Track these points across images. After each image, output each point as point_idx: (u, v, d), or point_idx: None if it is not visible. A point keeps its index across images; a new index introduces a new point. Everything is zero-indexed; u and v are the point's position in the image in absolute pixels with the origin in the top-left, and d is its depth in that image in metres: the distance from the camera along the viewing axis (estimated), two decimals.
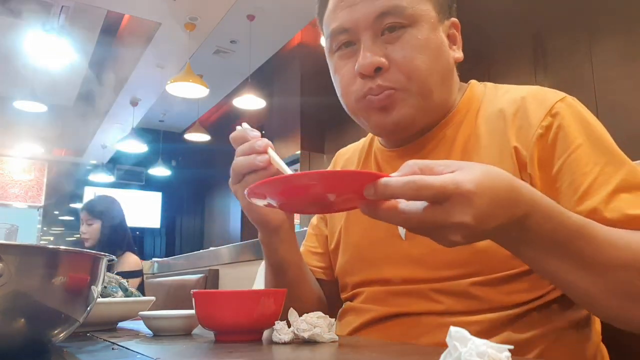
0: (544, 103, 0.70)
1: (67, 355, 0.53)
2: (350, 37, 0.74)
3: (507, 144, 0.70)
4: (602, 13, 3.26)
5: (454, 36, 0.79)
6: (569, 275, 0.55)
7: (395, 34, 0.71)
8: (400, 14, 0.71)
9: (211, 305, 0.60)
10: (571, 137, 0.67)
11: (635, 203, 0.61)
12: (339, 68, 0.77)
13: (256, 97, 5.26)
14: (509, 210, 0.49)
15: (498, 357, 0.31)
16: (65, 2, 5.30)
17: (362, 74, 0.72)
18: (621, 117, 3.08)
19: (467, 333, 0.32)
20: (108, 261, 0.58)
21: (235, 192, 0.72)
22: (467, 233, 0.48)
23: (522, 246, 0.54)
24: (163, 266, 4.47)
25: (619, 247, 0.55)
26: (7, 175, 8.93)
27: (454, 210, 0.47)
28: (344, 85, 0.76)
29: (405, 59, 0.71)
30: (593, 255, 0.54)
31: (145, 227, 9.84)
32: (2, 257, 0.43)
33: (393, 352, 0.52)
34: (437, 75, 0.73)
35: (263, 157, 0.68)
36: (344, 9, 0.73)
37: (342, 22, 0.73)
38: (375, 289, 0.77)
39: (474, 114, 0.76)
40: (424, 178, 0.47)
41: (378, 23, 0.71)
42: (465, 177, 0.47)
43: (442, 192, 0.46)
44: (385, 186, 0.47)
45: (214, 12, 4.86)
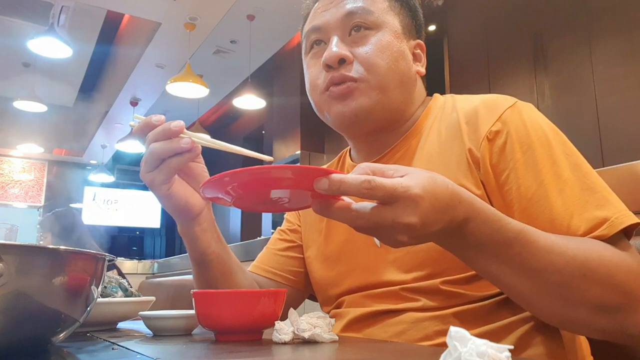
0: (495, 109, 0.73)
1: (67, 355, 0.53)
2: (321, 35, 0.81)
3: (462, 147, 0.74)
4: (602, 13, 3.26)
5: (419, 56, 0.85)
6: (507, 278, 0.59)
7: (361, 34, 0.78)
8: (367, 15, 0.78)
9: (211, 305, 0.60)
10: (518, 145, 0.69)
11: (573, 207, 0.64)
12: (310, 66, 0.83)
13: (256, 97, 5.26)
14: (450, 214, 0.53)
15: (498, 357, 0.31)
16: (65, 2, 5.30)
17: (327, 65, 0.77)
18: (621, 117, 3.08)
19: (467, 333, 0.32)
20: (108, 261, 0.58)
21: (152, 180, 0.69)
22: (413, 234, 0.51)
23: (462, 249, 0.58)
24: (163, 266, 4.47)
25: (555, 253, 0.58)
26: (7, 175, 8.93)
27: (402, 211, 0.50)
28: (312, 80, 0.82)
29: (367, 54, 0.77)
30: (529, 260, 0.57)
31: (145, 227, 9.84)
32: (2, 257, 0.43)
33: (393, 352, 0.52)
34: (395, 74, 0.78)
35: (186, 141, 0.67)
36: (319, 14, 0.82)
37: (314, 23, 0.82)
38: (356, 295, 0.80)
39: (436, 124, 0.80)
40: (377, 178, 0.50)
41: (346, 22, 0.79)
42: (413, 182, 0.51)
43: (392, 193, 0.50)
44: (341, 182, 0.49)
45: (214, 12, 4.86)
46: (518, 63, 3.74)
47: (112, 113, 7.45)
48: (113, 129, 7.85)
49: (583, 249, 0.59)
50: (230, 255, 0.86)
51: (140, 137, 0.70)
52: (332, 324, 0.59)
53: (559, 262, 0.58)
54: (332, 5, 0.81)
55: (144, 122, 0.70)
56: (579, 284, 0.58)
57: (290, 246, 0.97)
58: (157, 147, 0.67)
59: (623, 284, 0.59)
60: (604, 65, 3.21)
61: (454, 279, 0.70)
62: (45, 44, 4.38)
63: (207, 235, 0.79)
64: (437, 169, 0.73)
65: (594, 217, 0.63)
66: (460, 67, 4.21)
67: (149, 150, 0.68)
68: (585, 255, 0.59)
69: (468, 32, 4.18)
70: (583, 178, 0.66)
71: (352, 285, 0.81)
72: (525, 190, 0.67)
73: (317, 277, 0.89)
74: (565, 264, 0.58)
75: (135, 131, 0.70)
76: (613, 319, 0.59)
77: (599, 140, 3.15)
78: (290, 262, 0.95)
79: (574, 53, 3.39)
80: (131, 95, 6.92)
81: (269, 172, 0.51)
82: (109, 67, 7.42)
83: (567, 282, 0.58)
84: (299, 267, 0.95)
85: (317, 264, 0.89)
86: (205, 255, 0.80)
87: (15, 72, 6.74)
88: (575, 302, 0.59)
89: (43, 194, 9.12)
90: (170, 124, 0.68)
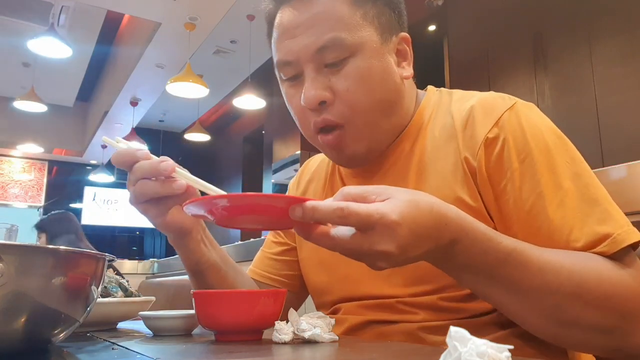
0: (492, 113, 0.69)
1: (67, 355, 0.53)
2: (295, 70, 0.73)
3: (458, 155, 0.70)
4: (602, 13, 3.26)
5: (404, 52, 0.77)
6: (500, 298, 0.58)
7: (338, 67, 0.70)
8: (340, 46, 0.69)
9: (211, 305, 0.60)
10: (516, 152, 0.66)
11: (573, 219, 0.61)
12: (290, 97, 0.76)
13: (256, 97, 5.26)
14: (433, 239, 0.52)
15: (498, 357, 0.31)
16: (65, 2, 5.30)
17: (307, 107, 0.72)
18: (621, 117, 3.08)
19: (467, 333, 0.32)
20: (108, 261, 0.58)
21: (145, 210, 0.70)
22: (391, 261, 0.51)
23: (452, 269, 0.57)
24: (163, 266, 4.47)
25: (549, 273, 0.56)
26: (7, 175, 8.93)
27: (378, 239, 0.49)
28: (298, 117, 0.76)
29: (348, 92, 0.70)
30: (521, 280, 0.56)
31: (145, 227, 9.83)
32: (2, 257, 0.43)
33: (393, 352, 0.52)
34: (382, 104, 0.72)
35: (180, 184, 0.65)
36: (286, 39, 0.72)
37: (284, 54, 0.73)
38: (352, 304, 0.78)
39: (430, 124, 0.76)
40: (351, 205, 0.49)
41: (318, 57, 0.70)
42: (390, 208, 0.49)
43: (367, 221, 0.48)
44: (314, 210, 0.49)
45: (214, 12, 4.86)
46: (518, 63, 3.74)
47: (112, 113, 7.45)
48: (113, 129, 7.85)
49: (580, 267, 0.57)
50: (227, 261, 0.85)
51: (120, 167, 0.67)
52: (332, 324, 0.59)
53: (553, 283, 0.56)
54: (300, 32, 0.71)
55: (124, 153, 0.67)
56: (574, 305, 0.56)
57: (285, 249, 0.94)
58: (148, 188, 0.66)
59: (621, 305, 0.57)
60: (604, 65, 3.21)
61: (452, 295, 0.68)
62: (45, 44, 4.38)
63: (199, 246, 0.79)
64: (431, 178, 0.71)
65: (594, 232, 0.60)
66: (460, 67, 4.21)
67: (138, 188, 0.66)
68: (582, 274, 0.57)
69: (468, 32, 4.18)
70: (584, 189, 0.62)
71: (346, 294, 0.79)
72: (523, 203, 0.64)
73: (310, 282, 0.87)
74: (559, 285, 0.56)
75: (115, 161, 0.67)
76: (610, 340, 0.58)
77: (599, 140, 3.15)
78: (285, 265, 0.93)
79: (574, 53, 3.39)
80: (131, 95, 6.92)
81: (245, 199, 0.54)
82: (109, 67, 7.42)
83: (561, 303, 0.56)
84: (295, 270, 0.92)
85: (310, 268, 0.87)
86: (200, 264, 0.80)
87: (15, 72, 6.74)
88: (569, 323, 0.57)
89: (43, 194, 9.12)
90: (159, 164, 0.65)
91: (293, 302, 0.94)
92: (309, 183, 0.93)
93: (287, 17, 0.72)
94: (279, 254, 0.94)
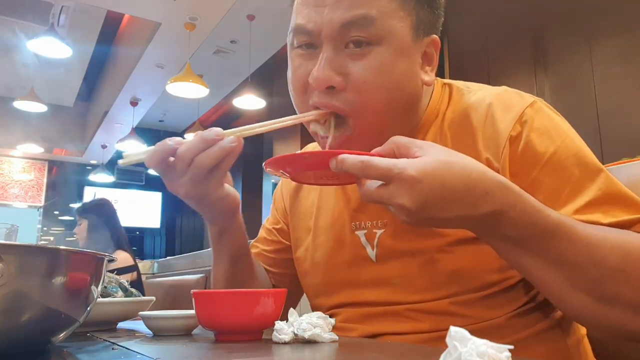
0: (512, 110, 0.67)
1: (67, 355, 0.53)
2: (312, 39, 0.67)
3: (477, 156, 0.66)
4: (602, 13, 3.26)
5: (431, 55, 0.71)
6: (540, 272, 0.56)
7: (360, 51, 0.64)
8: (368, 26, 0.63)
9: (211, 305, 0.60)
10: (542, 148, 0.64)
11: (611, 212, 0.60)
12: (295, 67, 0.70)
13: (256, 97, 5.26)
14: (466, 205, 0.51)
15: (498, 357, 0.31)
16: (65, 2, 5.30)
17: (313, 86, 0.66)
18: (621, 117, 3.08)
19: (467, 333, 0.32)
20: (108, 261, 0.58)
21: (204, 192, 0.65)
22: (411, 216, 0.52)
23: (493, 239, 0.56)
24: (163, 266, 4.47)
25: (593, 245, 0.54)
26: (7, 175, 8.93)
27: (395, 192, 0.51)
28: (298, 90, 0.70)
29: (365, 83, 0.64)
30: (566, 253, 0.54)
31: (145, 227, 9.84)
32: (2, 257, 0.43)
33: (393, 352, 0.52)
34: (397, 105, 0.67)
35: (230, 139, 0.62)
36: (313, 6, 0.66)
37: (305, 21, 0.66)
38: (354, 310, 0.75)
39: (440, 120, 0.73)
40: (373, 160, 0.52)
41: (342, 33, 0.64)
42: (412, 164, 0.51)
43: (386, 174, 0.51)
44: (342, 162, 0.54)
45: (214, 12, 4.86)
46: (518, 63, 3.74)
47: (112, 113, 7.45)
48: (113, 129, 7.84)
49: (623, 241, 0.55)
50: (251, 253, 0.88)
51: (156, 166, 0.63)
52: (332, 324, 0.59)
53: (597, 256, 0.54)
54: (329, 2, 0.64)
55: (158, 149, 0.63)
56: (616, 279, 0.54)
57: (279, 248, 0.92)
58: (205, 158, 0.62)
59: None
60: (604, 65, 3.21)
61: (462, 299, 0.67)
62: (45, 44, 4.38)
63: (243, 230, 0.80)
64: None
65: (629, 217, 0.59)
66: (460, 67, 4.21)
67: (196, 164, 0.62)
68: (625, 247, 0.55)
69: (468, 32, 4.18)
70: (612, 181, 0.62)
71: (345, 299, 0.76)
72: (556, 199, 0.62)
73: (306, 283, 0.85)
74: (602, 258, 0.54)
75: (153, 162, 0.63)
76: None
77: (599, 140, 3.15)
78: (282, 264, 0.92)
79: (574, 53, 3.39)
80: (131, 95, 6.92)
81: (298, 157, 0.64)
82: (109, 67, 7.41)
83: (604, 277, 0.54)
84: (287, 268, 0.90)
85: (305, 268, 0.84)
86: (244, 247, 0.82)
87: (15, 72, 6.74)
88: (610, 299, 0.54)
89: (43, 194, 9.12)
90: (204, 134, 0.62)
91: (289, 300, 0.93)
92: None
93: None
94: (273, 252, 0.93)
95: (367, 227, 0.75)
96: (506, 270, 0.66)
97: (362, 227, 0.75)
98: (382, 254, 0.72)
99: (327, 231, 0.80)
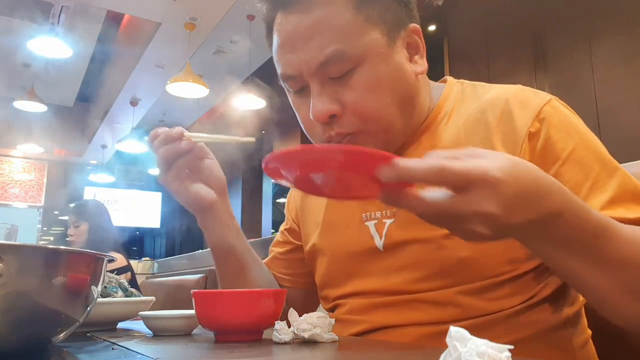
0: (530, 107, 0.68)
1: (67, 355, 0.53)
2: (300, 83, 0.70)
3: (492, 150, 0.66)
4: (602, 13, 3.26)
5: (415, 44, 0.72)
6: (585, 274, 0.53)
7: (344, 78, 0.66)
8: (343, 58, 0.65)
9: (211, 305, 0.60)
10: (562, 144, 0.65)
11: (633, 208, 0.60)
12: (298, 107, 0.74)
13: (256, 97, 5.26)
14: (538, 204, 0.47)
15: (498, 357, 0.31)
16: (65, 2, 5.30)
17: (317, 122, 0.69)
18: (621, 117, 3.08)
19: (467, 333, 0.32)
20: (108, 261, 0.58)
21: (165, 179, 0.77)
22: (494, 224, 0.45)
23: (546, 245, 0.51)
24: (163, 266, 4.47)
25: (632, 244, 0.53)
26: (7, 175, 8.93)
27: (479, 198, 0.43)
28: (306, 127, 0.74)
29: (356, 103, 0.66)
30: (611, 253, 0.52)
31: (145, 227, 9.84)
32: (2, 257, 0.43)
33: (393, 352, 0.52)
34: (395, 107, 0.68)
35: (186, 142, 0.74)
36: (287, 53, 0.68)
37: (286, 68, 0.69)
38: (358, 301, 0.75)
39: (451, 116, 0.74)
40: (449, 163, 0.44)
41: (322, 71, 0.66)
42: (492, 164, 0.44)
43: (467, 178, 0.43)
44: (407, 169, 0.44)
45: (214, 12, 4.86)
46: (518, 63, 3.74)
47: (112, 113, 7.45)
48: (113, 129, 7.85)
49: None
50: (251, 253, 0.88)
51: (150, 146, 0.77)
52: (332, 324, 0.59)
53: (638, 254, 0.53)
54: (299, 46, 0.66)
55: (152, 133, 0.77)
56: None
57: (289, 249, 0.94)
58: (162, 152, 0.75)
59: None
60: (604, 65, 3.21)
61: (468, 288, 0.66)
62: (45, 44, 4.38)
63: (224, 229, 0.83)
64: None
65: None
66: (460, 67, 4.21)
67: (157, 155, 0.76)
68: None
69: (468, 32, 4.18)
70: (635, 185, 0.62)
71: (350, 290, 0.77)
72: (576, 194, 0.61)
73: (315, 275, 0.86)
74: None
75: (148, 142, 0.77)
76: None
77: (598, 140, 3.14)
78: (292, 264, 0.93)
79: (574, 53, 3.39)
80: (131, 95, 6.92)
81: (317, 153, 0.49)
82: (109, 67, 7.41)
83: None
84: (303, 268, 0.91)
85: (313, 261, 0.85)
86: (222, 247, 0.84)
87: (15, 72, 6.73)
88: None
89: (43, 194, 9.12)
90: (171, 130, 0.75)
91: (306, 301, 0.92)
92: None
93: (285, 25, 0.68)
94: (285, 253, 0.94)
95: (377, 218, 0.75)
96: (514, 260, 0.66)
97: (373, 217, 0.76)
98: (390, 243, 0.73)
99: (336, 223, 0.81)
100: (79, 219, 2.89)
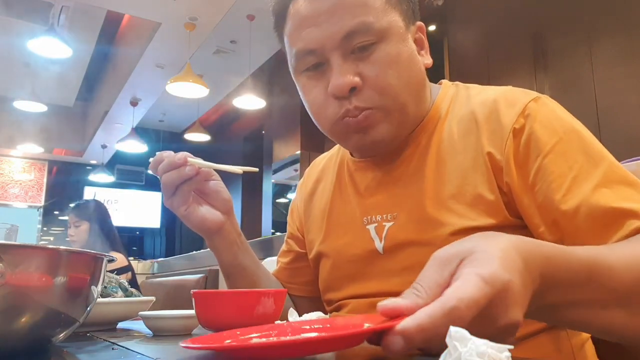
0: (516, 104, 0.68)
1: (67, 355, 0.53)
2: (318, 58, 0.70)
3: (480, 150, 0.68)
4: (602, 13, 3.26)
5: (421, 40, 0.77)
6: (597, 319, 0.50)
7: (366, 52, 0.69)
8: (368, 30, 0.68)
9: (211, 305, 0.60)
10: (546, 137, 0.65)
11: (618, 196, 0.59)
12: (308, 90, 0.74)
13: (256, 97, 5.26)
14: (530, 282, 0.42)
15: (498, 357, 0.31)
16: (65, 2, 5.30)
17: (336, 95, 0.69)
18: (621, 117, 3.08)
19: (467, 333, 0.32)
20: (108, 261, 0.58)
21: (171, 204, 0.77)
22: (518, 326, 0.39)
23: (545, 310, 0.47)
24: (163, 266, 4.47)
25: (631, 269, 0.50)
26: (7, 175, 8.93)
27: (501, 313, 0.38)
28: (317, 108, 0.73)
29: (378, 77, 0.68)
30: (614, 287, 0.49)
31: (145, 227, 9.84)
32: (2, 257, 0.43)
33: None
34: (411, 87, 0.71)
35: (190, 168, 0.74)
36: (308, 28, 0.69)
37: (307, 43, 0.70)
38: (360, 301, 0.77)
39: (446, 117, 0.75)
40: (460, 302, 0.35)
41: (346, 43, 0.68)
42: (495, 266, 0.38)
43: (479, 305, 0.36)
44: (421, 331, 0.35)
45: (214, 12, 4.86)
46: (518, 63, 3.74)
47: (112, 113, 7.44)
48: (113, 129, 7.84)
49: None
50: (259, 267, 0.89)
51: (154, 170, 0.77)
52: None
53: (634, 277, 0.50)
54: (323, 19, 0.68)
55: (155, 158, 0.77)
56: None
57: (293, 258, 0.95)
58: (166, 177, 0.74)
59: None
60: (604, 65, 3.21)
61: None
62: (45, 44, 4.38)
63: (232, 248, 0.83)
64: (450, 173, 0.70)
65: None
66: (460, 67, 4.21)
67: (162, 180, 0.75)
68: None
69: (468, 32, 4.18)
70: (618, 170, 0.62)
71: (352, 292, 0.78)
72: (558, 188, 0.62)
73: (320, 279, 0.87)
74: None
75: (151, 168, 0.77)
76: None
77: (599, 140, 3.14)
78: (298, 273, 0.94)
79: (574, 53, 3.39)
80: (131, 95, 6.92)
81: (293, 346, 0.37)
82: (109, 67, 7.41)
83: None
84: (308, 275, 0.92)
85: (318, 266, 0.87)
86: (232, 267, 0.84)
87: (15, 72, 6.73)
88: None
89: (43, 194, 9.12)
90: (175, 156, 0.75)
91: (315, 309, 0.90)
92: (316, 183, 0.93)
93: (305, 6, 0.70)
94: (291, 262, 0.95)
95: (377, 221, 0.76)
96: None
97: (373, 221, 0.77)
98: (390, 245, 0.74)
99: (339, 228, 0.82)
100: (79, 218, 2.89)
